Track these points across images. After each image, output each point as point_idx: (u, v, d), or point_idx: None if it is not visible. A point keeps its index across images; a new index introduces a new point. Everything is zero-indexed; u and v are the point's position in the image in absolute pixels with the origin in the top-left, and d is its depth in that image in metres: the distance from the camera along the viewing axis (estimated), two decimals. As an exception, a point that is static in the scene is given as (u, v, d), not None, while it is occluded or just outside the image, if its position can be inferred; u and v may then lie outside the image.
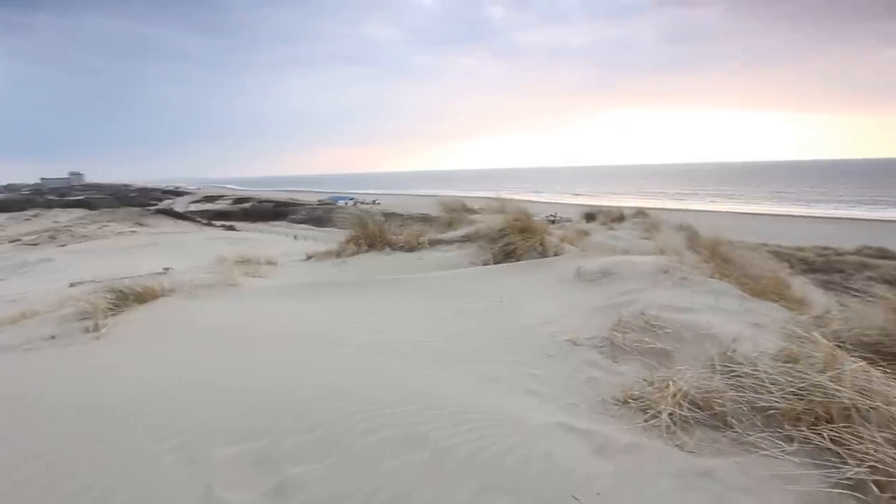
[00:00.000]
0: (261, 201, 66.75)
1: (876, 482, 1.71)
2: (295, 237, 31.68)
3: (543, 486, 1.71)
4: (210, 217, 48.93)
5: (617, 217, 12.56)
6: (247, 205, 63.99)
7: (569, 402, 2.39)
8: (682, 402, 2.19)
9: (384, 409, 2.16)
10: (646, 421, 2.18)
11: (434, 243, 6.23)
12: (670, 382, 2.29)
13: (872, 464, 1.73)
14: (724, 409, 2.15)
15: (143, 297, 4.44)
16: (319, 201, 66.01)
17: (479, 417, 2.10)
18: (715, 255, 4.86)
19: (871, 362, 2.30)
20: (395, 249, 6.03)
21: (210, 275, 5.02)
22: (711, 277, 3.83)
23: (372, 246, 6.04)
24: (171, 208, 52.70)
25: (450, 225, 7.34)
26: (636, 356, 2.76)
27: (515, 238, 5.99)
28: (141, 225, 35.63)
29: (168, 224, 37.04)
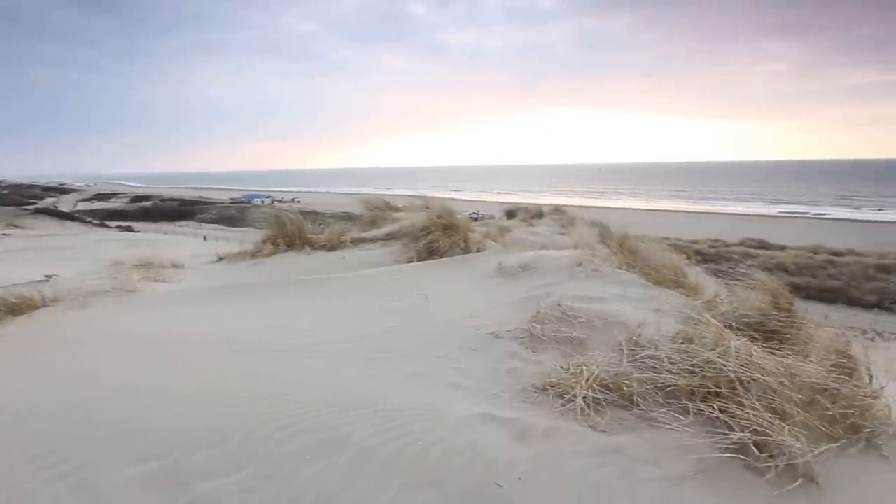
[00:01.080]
0: (164, 199, 61.58)
1: (756, 444, 1.93)
2: (205, 238, 29.71)
3: (467, 476, 1.75)
4: (103, 217, 44.34)
5: (536, 214, 13.09)
6: (147, 203, 58.81)
7: (492, 392, 2.46)
8: (594, 385, 2.34)
9: (306, 414, 2.10)
10: (563, 406, 2.30)
11: (357, 242, 6.13)
12: (584, 368, 2.43)
13: (753, 428, 1.96)
14: (631, 389, 2.32)
15: (18, 308, 3.95)
16: (232, 199, 62.38)
17: (403, 414, 2.11)
18: (623, 248, 5.21)
19: (752, 339, 2.59)
20: (316, 249, 5.85)
21: (103, 281, 4.55)
22: (620, 269, 4.10)
23: (291, 246, 5.81)
24: (55, 207, 46.92)
25: (373, 223, 7.25)
26: (554, 345, 2.89)
27: (439, 235, 6.05)
28: (15, 226, 31.24)
29: (51, 225, 32.89)
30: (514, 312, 3.37)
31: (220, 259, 6.14)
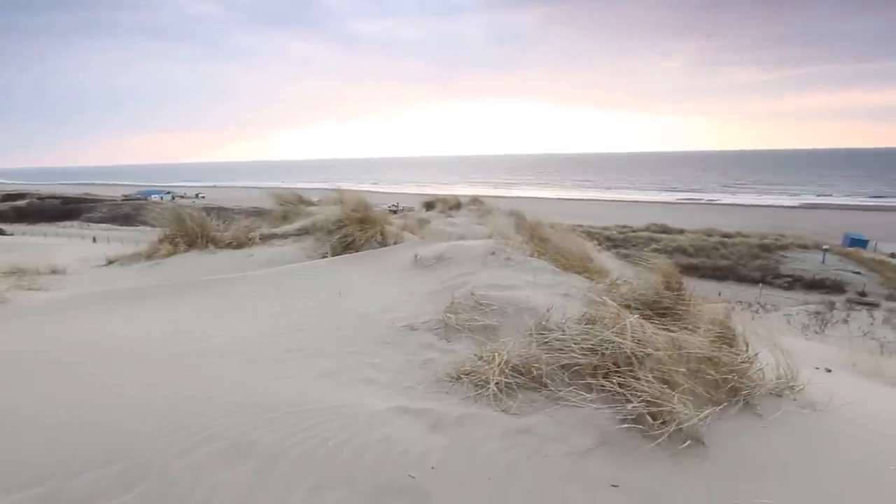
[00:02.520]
0: (43, 198, 54.57)
1: (650, 413, 2.09)
2: (94, 239, 26.92)
3: (380, 470, 1.73)
4: (-43, 220, 38.71)
5: (454, 205, 13.26)
6: (21, 202, 51.87)
7: (406, 385, 2.45)
8: (506, 370, 2.40)
9: (207, 422, 1.96)
10: (476, 392, 2.34)
11: (267, 239, 5.84)
12: (495, 354, 2.49)
13: (647, 399, 2.11)
14: (540, 371, 2.41)
15: None
16: (125, 196, 56.96)
17: (315, 414, 2.04)
18: (535, 236, 5.41)
19: (647, 317, 2.79)
20: (221, 248, 5.50)
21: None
22: (531, 257, 4.26)
23: (192, 245, 5.41)
24: None
25: (284, 218, 6.96)
26: (468, 334, 2.94)
27: (354, 229, 5.93)
28: None
29: None
30: (430, 304, 3.38)
31: (111, 262, 5.58)
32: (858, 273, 34.09)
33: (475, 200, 13.70)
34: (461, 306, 3.19)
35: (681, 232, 45.26)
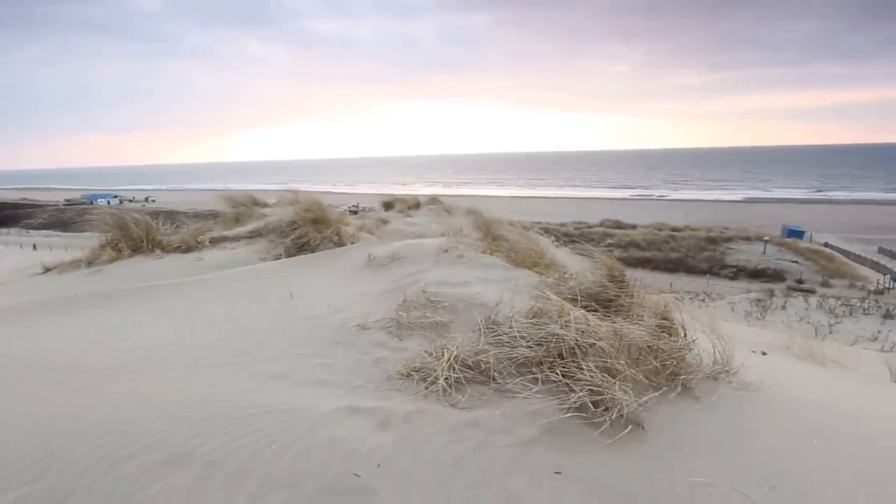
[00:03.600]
0: (-27, 204, 51.18)
1: (593, 401, 2.16)
2: (34, 247, 25.35)
3: (325, 471, 1.72)
4: None
5: (413, 205, 13.25)
6: (-51, 210, 48.47)
7: (357, 384, 2.44)
8: (455, 366, 2.43)
9: (144, 433, 1.88)
10: (426, 389, 2.35)
11: (218, 242, 5.67)
12: (445, 350, 2.52)
13: (590, 388, 2.18)
14: (489, 365, 2.45)
15: None
16: (67, 201, 53.85)
17: (260, 418, 2.00)
18: (489, 233, 5.48)
19: (592, 309, 2.89)
20: (168, 252, 5.29)
21: None
22: (483, 253, 4.31)
23: (137, 250, 5.18)
24: None
25: (237, 221, 6.77)
26: (419, 331, 2.95)
27: (308, 230, 5.84)
28: None
29: None
30: (382, 303, 3.37)
31: (48, 270, 5.27)
32: (796, 262, 36.26)
33: (434, 200, 13.73)
34: (413, 304, 3.20)
35: (634, 227, 46.94)
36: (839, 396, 3.32)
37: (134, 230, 5.22)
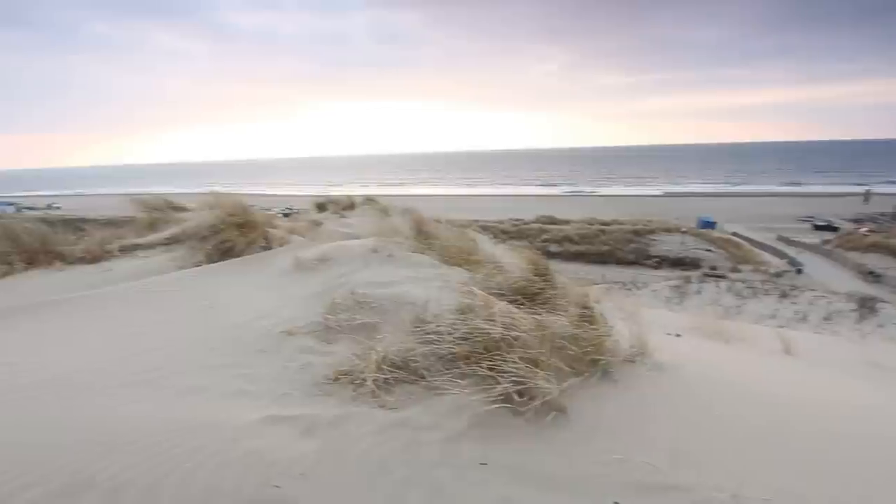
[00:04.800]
0: None
1: (517, 392, 2.22)
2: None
3: (243, 486, 1.64)
4: None
5: (348, 206, 12.98)
6: None
7: (281, 392, 2.36)
8: (384, 366, 2.41)
9: (39, 462, 1.72)
10: (354, 391, 2.32)
11: (129, 250, 5.27)
12: (373, 351, 2.49)
13: (515, 379, 2.24)
14: (417, 363, 2.46)
15: None
16: (-49, 211, 48.15)
17: (171, 438, 1.88)
18: (420, 232, 5.48)
19: (518, 303, 2.97)
20: (71, 263, 4.85)
21: None
22: (414, 252, 4.31)
23: (32, 263, 4.71)
24: None
25: (151, 227, 6.32)
26: (348, 333, 2.90)
27: (232, 234, 5.57)
28: None
29: None
30: (310, 306, 3.28)
31: (-75, 289, 4.66)
32: (710, 250, 39.28)
33: (369, 200, 13.53)
34: (341, 306, 3.14)
35: (567, 222, 48.86)
36: (739, 369, 3.63)
37: (27, 240, 4.73)
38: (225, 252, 5.37)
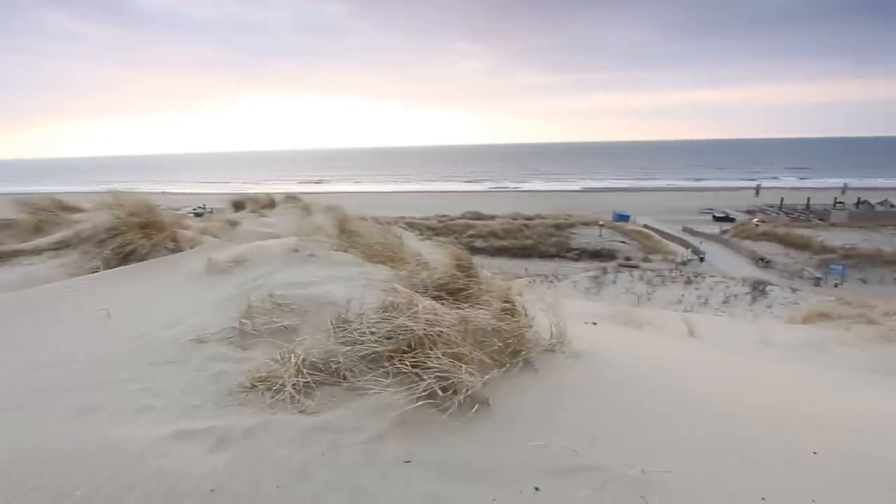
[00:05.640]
0: None
1: (442, 388, 2.23)
2: None
3: (145, 508, 1.52)
4: None
5: (267, 204, 12.40)
6: None
7: (191, 405, 2.20)
8: (303, 370, 2.33)
9: None
10: (272, 398, 2.22)
11: (9, 257, 4.69)
12: (292, 355, 2.40)
13: (438, 375, 2.25)
14: (339, 364, 2.39)
15: None
16: None
17: (62, 463, 1.70)
18: (344, 230, 5.36)
19: (442, 299, 2.98)
20: (-65, 274, 4.22)
21: None
22: (337, 251, 4.20)
23: None
24: None
25: (37, 230, 5.66)
26: (266, 338, 2.77)
27: (134, 236, 5.13)
28: None
29: None
30: (223, 311, 3.09)
31: None
32: (624, 242, 41.96)
33: (291, 198, 13.01)
34: (258, 310, 2.99)
35: (492, 218, 50.08)
36: (649, 353, 3.90)
37: None
38: (126, 256, 4.94)
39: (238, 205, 13.06)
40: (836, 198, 57.65)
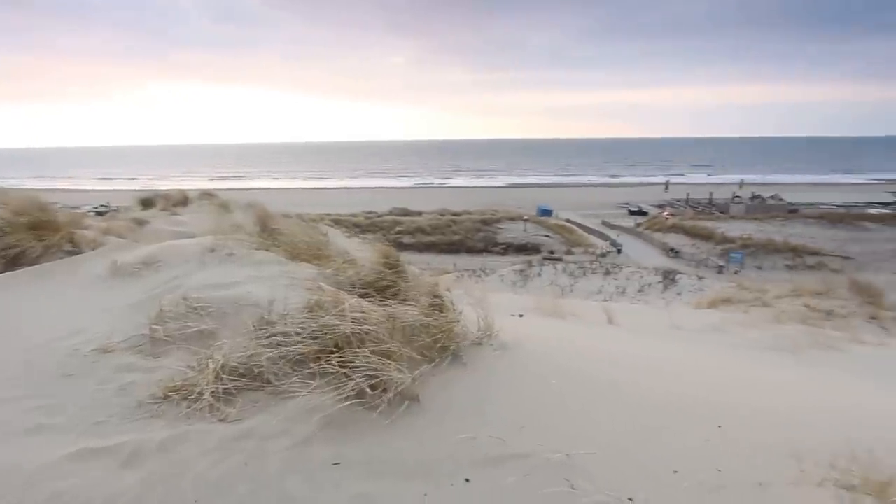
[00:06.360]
0: None
1: (370, 386, 2.20)
2: None
3: (40, 538, 1.37)
4: None
5: (180, 201, 11.60)
6: None
7: (95, 421, 2.02)
8: (223, 376, 2.21)
9: None
10: (188, 408, 2.09)
11: None
12: (210, 361, 2.27)
13: (367, 373, 2.22)
14: (262, 368, 2.29)
15: None
16: None
17: (-66, 495, 1.49)
18: (265, 228, 5.14)
19: (369, 297, 2.95)
20: None
21: None
22: (258, 250, 4.01)
23: None
24: None
25: None
26: (181, 344, 2.59)
27: (23, 238, 4.60)
28: None
29: None
30: (131, 317, 2.86)
31: None
32: (548, 236, 43.72)
33: (207, 194, 12.25)
34: (171, 314, 2.80)
35: (420, 214, 50.17)
36: (572, 342, 4.10)
37: None
38: (12, 260, 4.42)
39: (147, 202, 12.10)
40: (734, 192, 63.58)
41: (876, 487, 1.73)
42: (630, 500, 1.77)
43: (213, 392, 2.13)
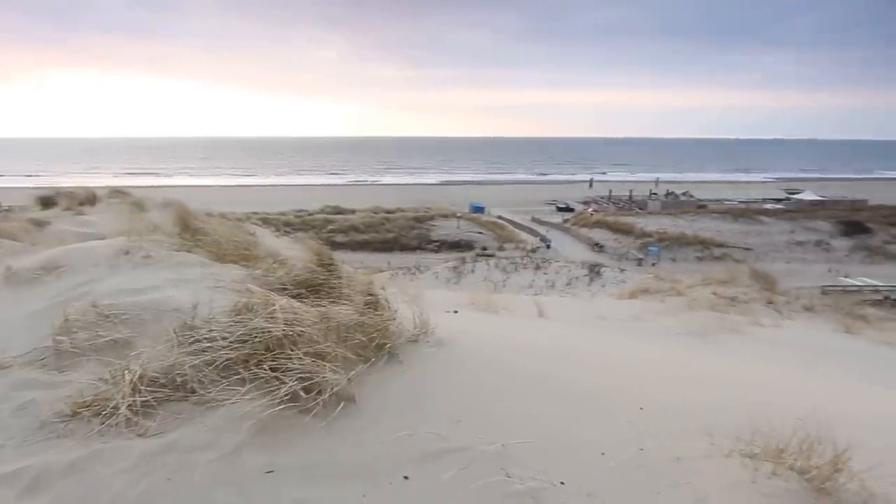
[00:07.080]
0: None
1: (304, 388, 2.14)
2: None
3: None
4: None
5: (86, 199, 10.63)
6: None
7: (-11, 446, 1.81)
8: (141, 387, 2.06)
9: None
10: (101, 424, 1.92)
11: None
12: (125, 372, 2.10)
13: (300, 376, 2.16)
14: (186, 377, 2.16)
15: None
16: None
17: None
18: (187, 228, 4.83)
19: (301, 297, 2.86)
20: None
21: None
22: (179, 251, 3.77)
23: None
24: None
25: None
26: (91, 355, 2.39)
27: None
28: None
29: None
30: (31, 329, 2.60)
31: None
32: (481, 233, 44.53)
33: (118, 192, 11.31)
34: (80, 324, 2.56)
35: (352, 212, 49.33)
36: (505, 336, 4.22)
37: None
38: None
39: (47, 201, 10.97)
40: (650, 189, 68.02)
41: (774, 454, 1.93)
42: (562, 482, 1.85)
43: (129, 405, 1.98)
